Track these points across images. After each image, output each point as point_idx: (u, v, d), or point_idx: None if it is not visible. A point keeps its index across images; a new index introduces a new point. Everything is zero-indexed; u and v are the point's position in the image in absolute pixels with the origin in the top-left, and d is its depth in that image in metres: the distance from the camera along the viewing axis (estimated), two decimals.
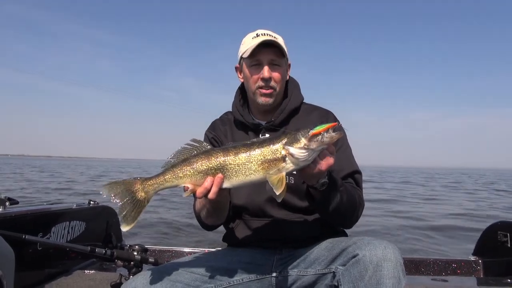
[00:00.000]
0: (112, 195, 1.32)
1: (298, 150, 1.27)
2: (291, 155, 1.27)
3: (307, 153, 1.27)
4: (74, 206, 3.18)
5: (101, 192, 1.33)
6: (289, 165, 1.29)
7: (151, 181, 1.34)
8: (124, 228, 1.30)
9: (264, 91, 1.70)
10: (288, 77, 1.83)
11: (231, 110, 1.89)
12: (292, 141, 1.28)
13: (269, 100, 1.72)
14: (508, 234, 3.30)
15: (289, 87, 1.84)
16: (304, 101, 1.87)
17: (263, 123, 1.78)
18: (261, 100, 1.72)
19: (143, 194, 1.33)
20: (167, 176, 1.34)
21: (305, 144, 1.26)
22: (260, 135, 1.76)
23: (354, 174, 1.70)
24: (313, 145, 1.26)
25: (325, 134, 1.25)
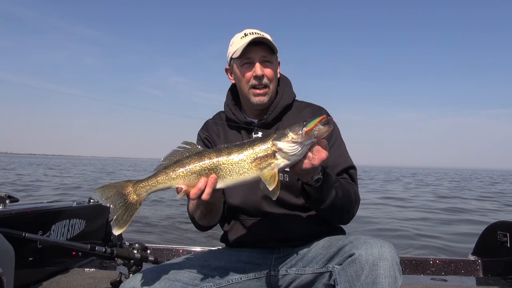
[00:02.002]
0: (104, 199, 1.30)
1: (286, 144, 1.27)
2: (280, 150, 1.28)
3: (295, 147, 1.27)
4: (74, 204, 3.19)
5: (93, 197, 1.32)
6: (280, 161, 1.29)
7: (143, 183, 1.33)
8: (116, 232, 1.29)
9: (257, 91, 1.70)
10: (279, 75, 1.82)
11: (223, 110, 1.89)
12: (280, 136, 1.29)
13: (264, 99, 1.72)
14: (508, 234, 3.30)
15: (281, 84, 1.84)
16: (296, 98, 1.86)
17: (256, 121, 1.78)
18: (255, 100, 1.72)
19: (135, 196, 1.32)
20: (160, 178, 1.32)
21: (292, 138, 1.27)
22: (253, 133, 1.76)
23: (349, 170, 1.70)
24: (301, 138, 1.26)
25: (313, 127, 1.25)
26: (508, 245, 3.28)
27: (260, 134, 1.76)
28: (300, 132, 1.26)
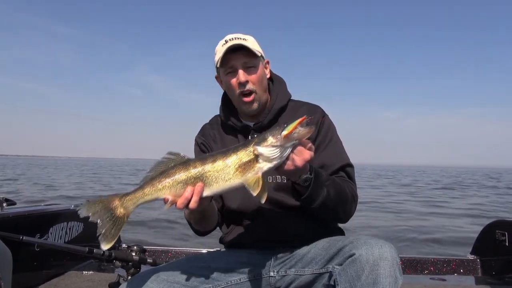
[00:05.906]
0: (91, 214, 1.29)
1: (265, 148, 1.28)
2: (261, 154, 1.28)
3: (275, 151, 1.27)
4: (72, 207, 3.19)
5: (79, 213, 1.30)
6: (262, 165, 1.29)
7: (129, 196, 1.33)
8: (105, 246, 1.28)
9: (245, 99, 1.69)
10: (269, 75, 1.79)
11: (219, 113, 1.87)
12: (261, 141, 1.29)
13: (254, 106, 1.70)
14: (506, 233, 3.31)
15: (275, 85, 1.82)
16: (292, 98, 1.84)
17: (252, 124, 1.77)
18: (245, 108, 1.71)
19: (122, 210, 1.32)
20: (146, 190, 1.33)
21: (272, 142, 1.27)
22: (250, 136, 1.75)
23: (346, 168, 1.68)
24: (281, 142, 1.26)
25: (293, 130, 1.25)
26: (507, 243, 3.29)
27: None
28: (279, 136, 1.26)
